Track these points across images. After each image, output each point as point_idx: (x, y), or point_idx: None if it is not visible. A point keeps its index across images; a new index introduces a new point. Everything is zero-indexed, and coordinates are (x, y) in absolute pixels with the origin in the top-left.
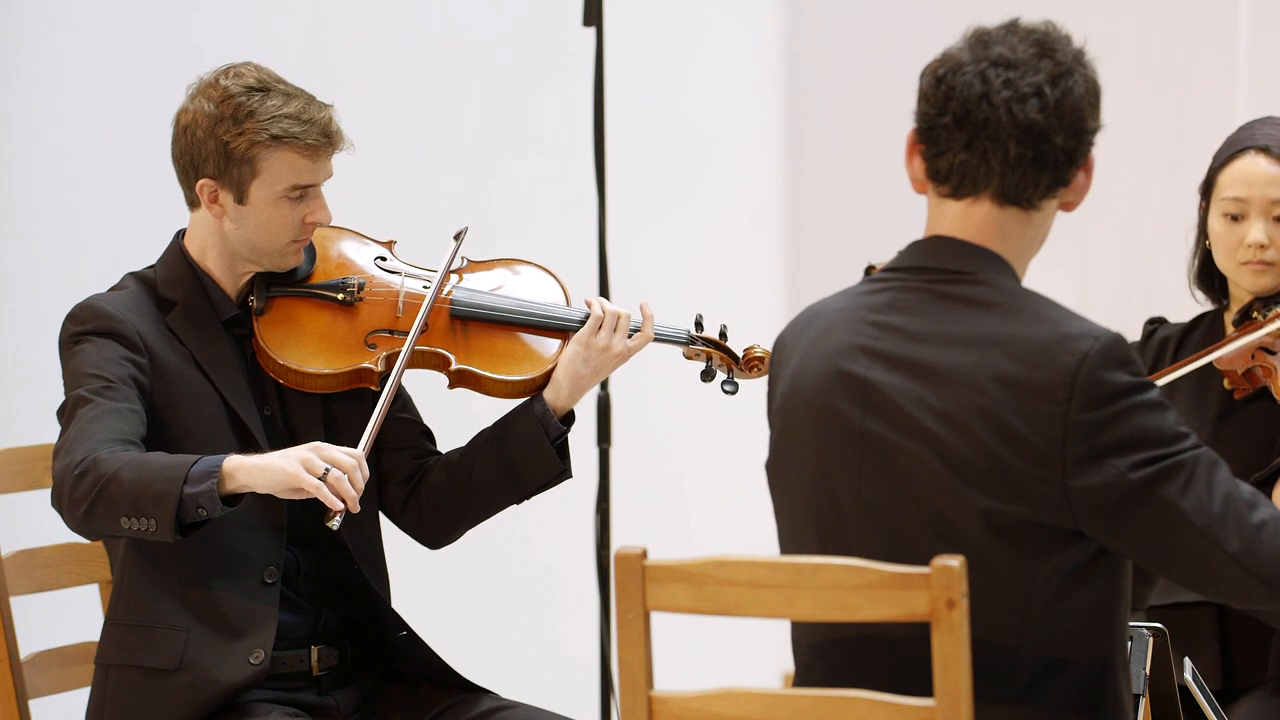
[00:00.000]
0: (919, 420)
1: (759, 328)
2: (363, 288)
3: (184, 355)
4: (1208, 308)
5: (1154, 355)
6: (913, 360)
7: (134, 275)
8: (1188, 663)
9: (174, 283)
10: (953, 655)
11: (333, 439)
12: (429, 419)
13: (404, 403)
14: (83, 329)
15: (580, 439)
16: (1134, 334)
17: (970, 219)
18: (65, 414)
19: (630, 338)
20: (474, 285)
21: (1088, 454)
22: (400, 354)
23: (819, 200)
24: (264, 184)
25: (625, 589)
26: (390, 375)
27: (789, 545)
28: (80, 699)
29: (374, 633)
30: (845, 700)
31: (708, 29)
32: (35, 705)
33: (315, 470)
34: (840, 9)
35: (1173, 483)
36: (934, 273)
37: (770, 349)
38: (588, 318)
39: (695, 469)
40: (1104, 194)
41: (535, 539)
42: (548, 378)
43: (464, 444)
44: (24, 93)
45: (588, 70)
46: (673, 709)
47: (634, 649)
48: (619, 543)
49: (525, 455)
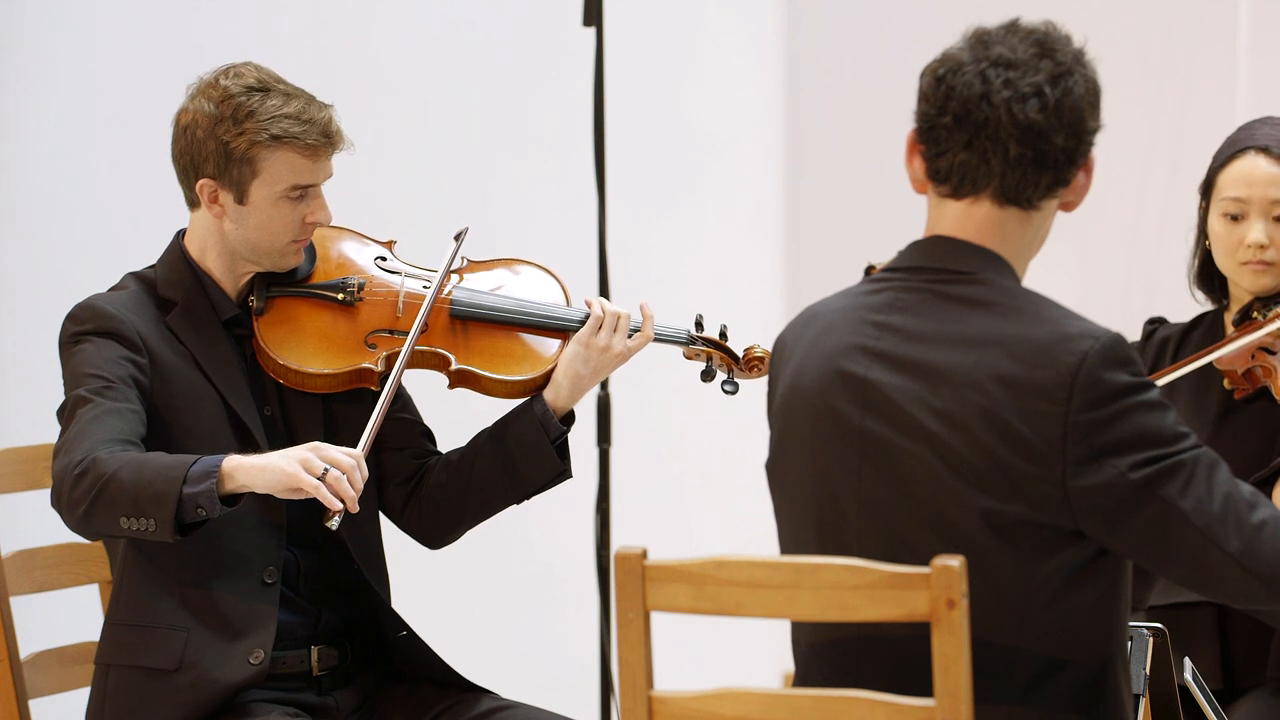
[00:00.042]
0: (919, 420)
1: (759, 328)
2: (363, 288)
3: (184, 355)
4: (1208, 308)
5: (1154, 355)
6: (913, 360)
7: (134, 275)
8: (1188, 663)
9: (174, 283)
10: (953, 655)
11: (333, 439)
12: (429, 419)
13: (404, 403)
14: (83, 329)
15: (580, 439)
16: (1134, 334)
17: (970, 219)
18: (65, 414)
19: (630, 338)
20: (474, 285)
21: (1088, 454)
22: (400, 354)
23: (819, 200)
24: (264, 184)
25: (625, 589)
26: (390, 375)
27: (789, 545)
28: (80, 699)
29: (374, 633)
30: (845, 700)
31: (708, 29)
32: (35, 705)
33: (314, 470)
34: (840, 9)
35: (1173, 483)
36: (934, 273)
37: (770, 349)
38: (588, 318)
39: (695, 469)
40: (1104, 194)
41: (535, 539)
42: (548, 378)
43: (464, 444)
44: (24, 93)
45: (588, 70)
46: (673, 709)
47: (634, 649)
48: (619, 543)
49: (525, 455)
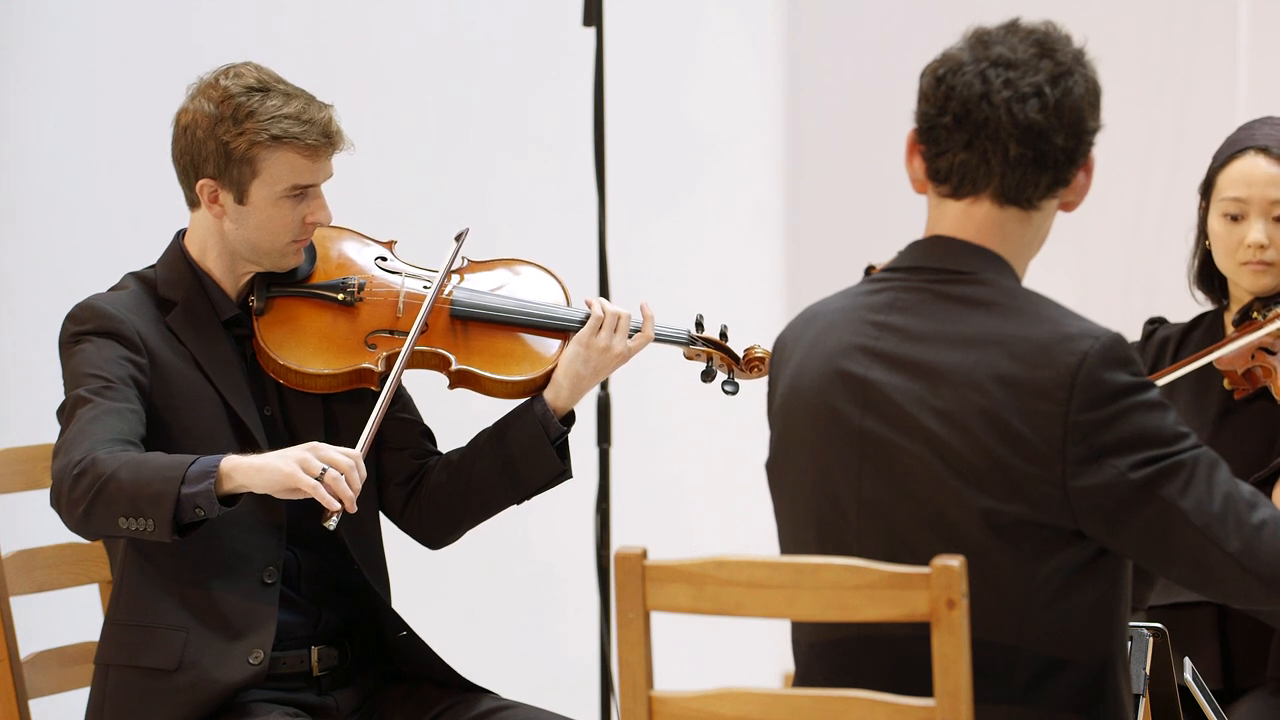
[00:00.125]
0: (919, 420)
1: (759, 328)
2: (363, 288)
3: (184, 355)
4: (1208, 308)
5: (1154, 355)
6: (913, 360)
7: (134, 275)
8: (1188, 663)
9: (174, 283)
10: (953, 655)
11: (333, 439)
12: (429, 419)
13: (404, 403)
14: (83, 329)
15: (580, 439)
16: (1134, 334)
17: (970, 219)
18: (65, 414)
19: (630, 338)
20: (474, 285)
21: (1088, 454)
22: (400, 354)
23: (819, 200)
24: (264, 184)
25: (625, 589)
26: (390, 375)
27: (789, 545)
28: (80, 699)
29: (374, 633)
30: (845, 700)
31: (708, 29)
32: (35, 705)
33: (312, 470)
34: (840, 9)
35: (1173, 483)
36: (934, 273)
37: (770, 349)
38: (588, 318)
39: (695, 469)
40: (1104, 194)
41: (535, 539)
42: (548, 378)
43: (464, 444)
44: (24, 93)
45: (588, 70)
46: (673, 709)
47: (634, 649)
48: (619, 543)
49: (525, 455)
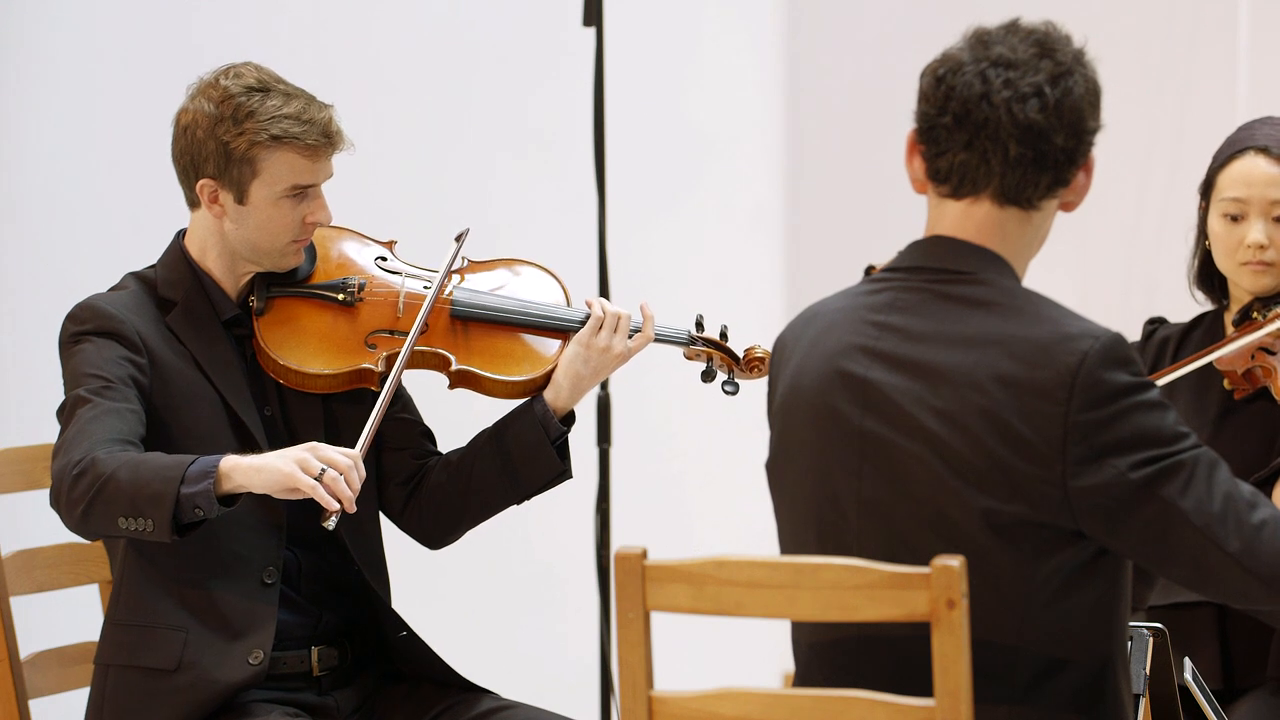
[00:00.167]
0: (919, 420)
1: (759, 328)
2: (363, 288)
3: (184, 355)
4: (1208, 308)
5: (1154, 355)
6: (913, 360)
7: (134, 275)
8: (1188, 663)
9: (174, 283)
10: (953, 655)
11: (333, 439)
12: (429, 419)
13: (404, 403)
14: (83, 329)
15: (580, 439)
16: (1134, 334)
17: (970, 219)
18: (65, 414)
19: (631, 338)
20: (474, 285)
21: (1088, 454)
22: (400, 354)
23: (819, 200)
24: (264, 184)
25: (625, 589)
26: (390, 375)
27: (789, 545)
28: (80, 699)
29: (374, 633)
30: (845, 700)
31: (708, 29)
32: (35, 705)
33: (311, 470)
34: (840, 9)
35: (1173, 482)
36: (934, 273)
37: (770, 349)
38: (588, 318)
39: (695, 469)
40: (1104, 194)
41: (535, 539)
42: (548, 378)
43: (464, 444)
44: (24, 93)
45: (588, 70)
46: (673, 709)
47: (634, 649)
48: (619, 543)
49: (525, 456)
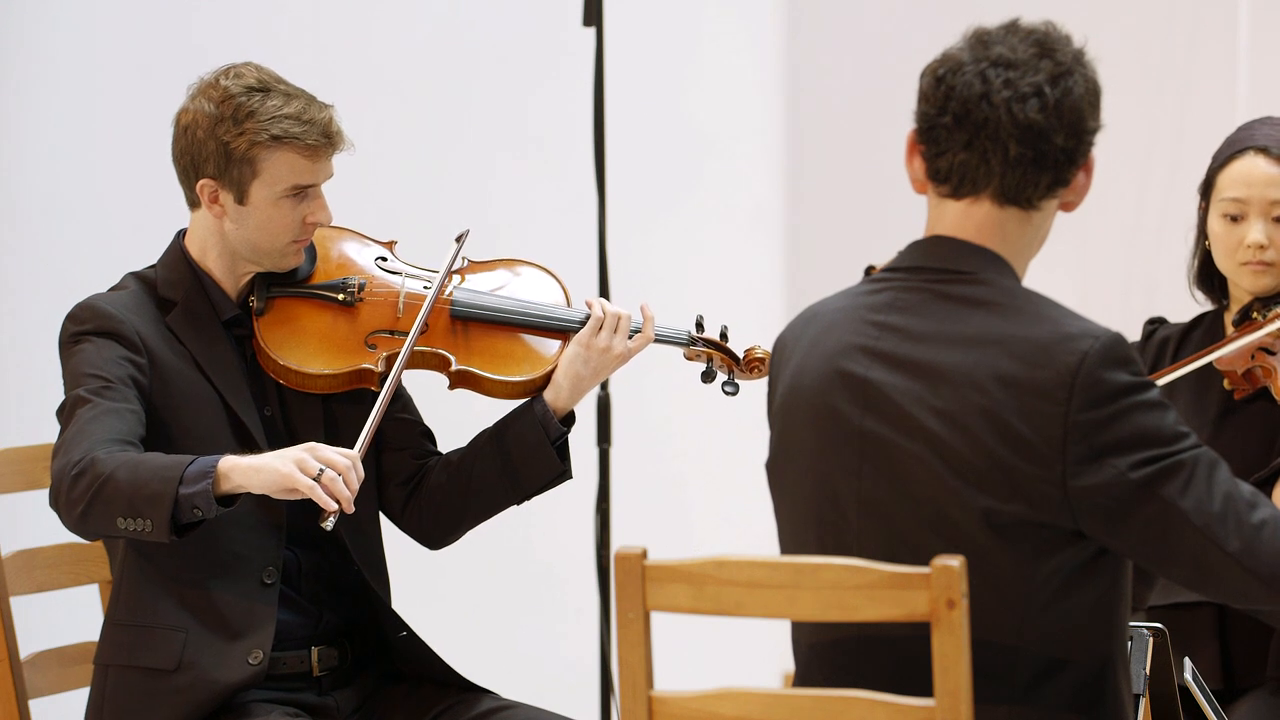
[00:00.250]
0: (919, 420)
1: (759, 328)
2: (363, 288)
3: (184, 355)
4: (1208, 308)
5: (1154, 355)
6: (913, 360)
7: (134, 275)
8: (1188, 663)
9: (174, 283)
10: (953, 655)
11: (333, 440)
12: (429, 419)
13: (404, 403)
14: (82, 329)
15: (580, 439)
16: (1134, 334)
17: (970, 219)
18: (64, 414)
19: (631, 339)
20: (475, 286)
21: (1088, 454)
22: (400, 354)
23: (819, 200)
24: (264, 184)
25: (625, 589)
26: (390, 375)
27: (789, 545)
28: (80, 699)
29: (374, 633)
30: (845, 700)
31: (708, 29)
32: (35, 705)
33: (309, 471)
34: (840, 9)
35: (1173, 482)
36: (934, 273)
37: (770, 349)
38: (588, 318)
39: (695, 469)
40: (1104, 194)
41: (535, 539)
42: (548, 378)
43: (464, 444)
44: (24, 93)
45: (588, 70)
46: (673, 709)
47: (634, 649)
48: (619, 543)
49: (525, 456)
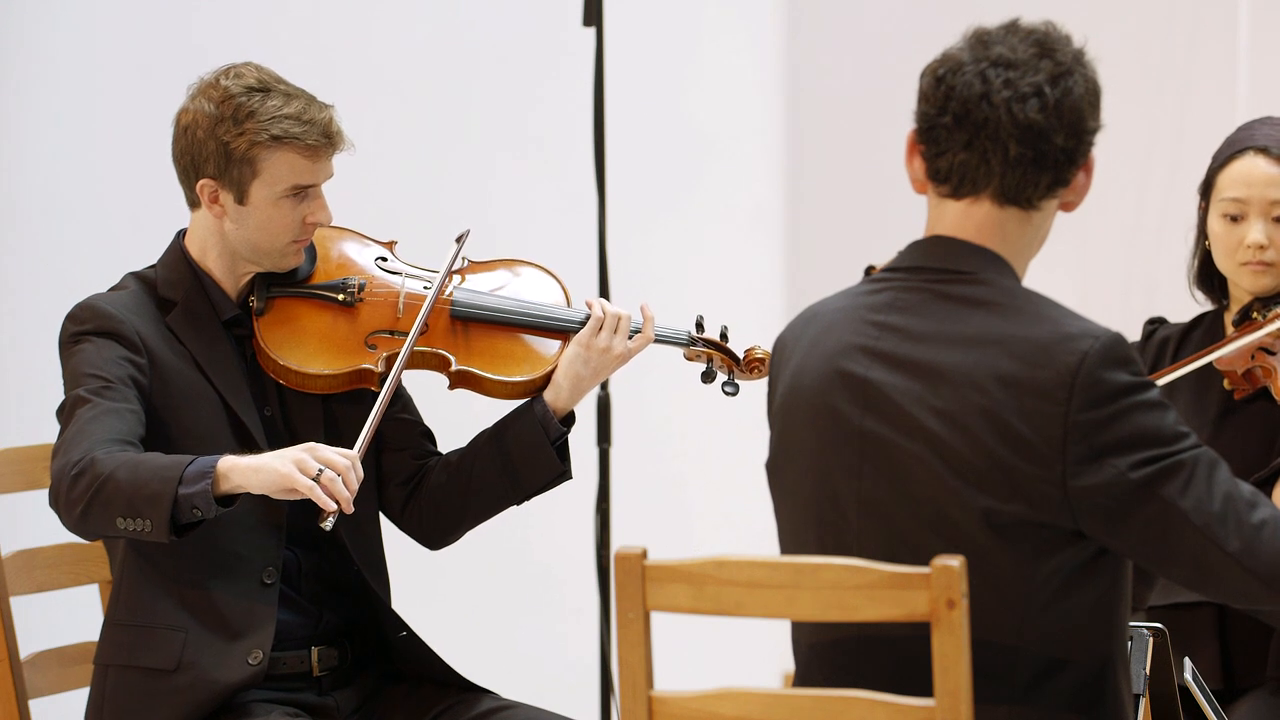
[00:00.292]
0: (919, 420)
1: (759, 328)
2: (363, 288)
3: (184, 355)
4: (1208, 308)
5: (1154, 355)
6: (913, 360)
7: (134, 275)
8: (1188, 663)
9: (174, 283)
10: (953, 655)
11: (333, 440)
12: (429, 419)
13: (404, 403)
14: (82, 329)
15: (580, 439)
16: (1134, 334)
17: (970, 219)
18: (64, 414)
19: (631, 339)
20: (475, 286)
21: (1088, 453)
22: (400, 354)
23: (819, 200)
24: (264, 184)
25: (625, 589)
26: (390, 376)
27: (789, 545)
28: (80, 699)
29: (374, 633)
30: (845, 700)
31: (708, 29)
32: (35, 705)
33: (309, 471)
34: (840, 9)
35: (1172, 482)
36: (934, 273)
37: (770, 350)
38: (588, 319)
39: (695, 469)
40: (1104, 194)
41: (535, 539)
42: (548, 379)
43: (464, 445)
44: (24, 93)
45: (588, 70)
46: (673, 709)
47: (634, 649)
48: (619, 543)
49: (525, 456)
